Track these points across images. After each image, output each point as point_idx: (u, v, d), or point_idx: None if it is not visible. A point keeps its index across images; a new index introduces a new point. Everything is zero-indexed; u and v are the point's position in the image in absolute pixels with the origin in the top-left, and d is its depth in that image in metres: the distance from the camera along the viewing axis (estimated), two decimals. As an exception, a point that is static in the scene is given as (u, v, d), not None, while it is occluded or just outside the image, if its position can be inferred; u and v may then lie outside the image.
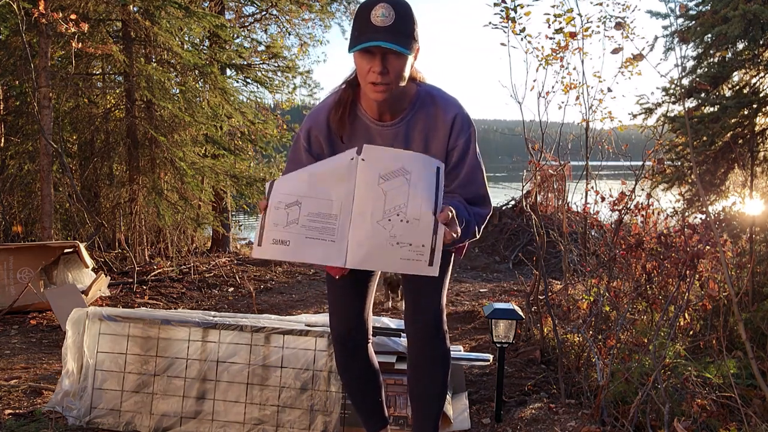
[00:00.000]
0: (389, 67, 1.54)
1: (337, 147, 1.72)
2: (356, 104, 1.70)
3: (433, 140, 1.71)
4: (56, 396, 2.49)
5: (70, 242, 4.69)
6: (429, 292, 1.84)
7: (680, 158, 3.42)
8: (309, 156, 1.73)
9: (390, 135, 1.70)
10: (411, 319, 1.88)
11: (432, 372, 1.89)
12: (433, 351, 1.88)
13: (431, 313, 1.85)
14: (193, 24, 6.22)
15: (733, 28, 2.59)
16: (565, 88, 4.62)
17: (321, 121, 1.71)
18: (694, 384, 2.26)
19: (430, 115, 1.70)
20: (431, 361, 1.89)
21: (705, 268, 2.99)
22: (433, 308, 1.85)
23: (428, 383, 1.91)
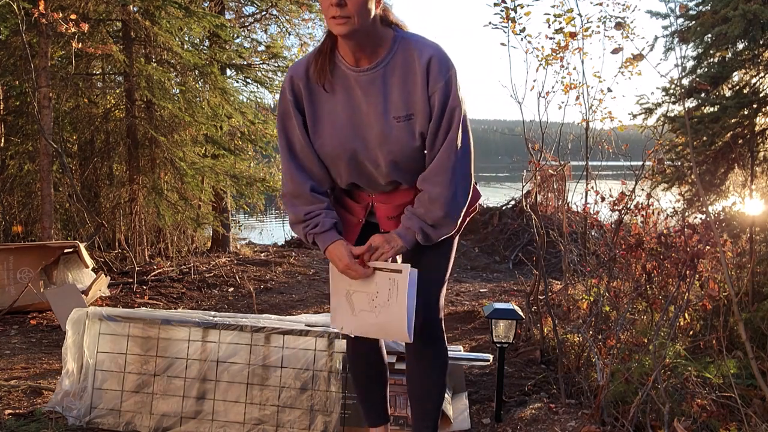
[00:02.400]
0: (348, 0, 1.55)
1: (317, 96, 1.73)
2: (335, 53, 1.71)
3: (413, 86, 1.67)
4: (56, 396, 2.49)
5: (70, 242, 4.69)
6: (424, 291, 1.82)
7: (680, 158, 3.42)
8: (296, 110, 1.73)
9: (366, 81, 1.68)
10: None
11: (428, 370, 1.89)
12: (429, 349, 1.87)
13: (428, 311, 1.84)
14: (193, 24, 6.22)
15: (733, 28, 2.59)
16: (565, 88, 4.62)
17: (301, 71, 1.73)
18: (694, 384, 2.26)
19: (407, 60, 1.67)
20: (427, 360, 1.88)
21: (705, 268, 2.99)
22: (429, 306, 1.84)
23: (425, 382, 1.90)
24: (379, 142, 1.70)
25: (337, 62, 1.70)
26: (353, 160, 1.75)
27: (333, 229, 1.76)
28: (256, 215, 10.48)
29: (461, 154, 1.70)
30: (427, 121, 1.68)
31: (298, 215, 1.77)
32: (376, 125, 1.69)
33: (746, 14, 2.54)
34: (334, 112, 1.73)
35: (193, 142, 6.56)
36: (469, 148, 1.74)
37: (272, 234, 11.05)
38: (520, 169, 8.87)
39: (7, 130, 6.31)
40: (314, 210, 1.76)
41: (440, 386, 1.92)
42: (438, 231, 1.74)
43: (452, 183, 1.69)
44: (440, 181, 1.69)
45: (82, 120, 6.48)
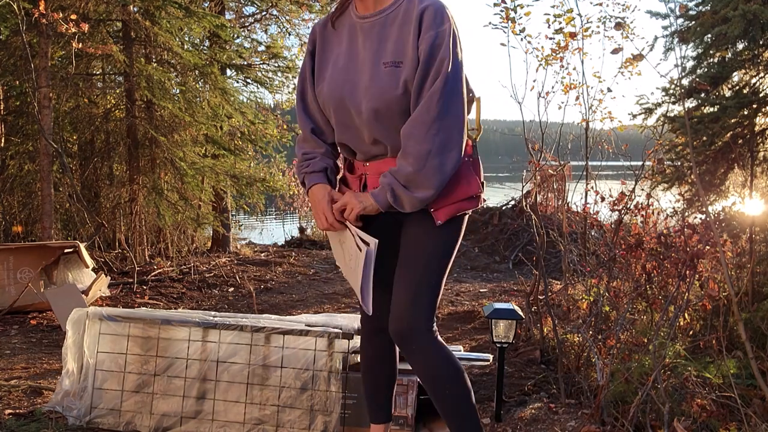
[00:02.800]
0: None
1: (329, 45, 1.80)
2: (351, 3, 1.78)
3: (406, 35, 1.65)
4: (56, 396, 2.49)
5: (70, 242, 4.70)
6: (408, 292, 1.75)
7: (680, 158, 3.42)
8: (310, 58, 1.83)
9: (368, 27, 1.71)
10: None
11: (421, 378, 1.81)
12: (413, 357, 1.76)
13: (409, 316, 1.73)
14: (193, 24, 6.22)
15: (733, 28, 2.59)
16: (565, 88, 4.63)
17: (324, 20, 1.84)
18: (694, 384, 2.26)
19: (408, 10, 1.68)
20: (416, 367, 1.79)
21: (705, 268, 2.99)
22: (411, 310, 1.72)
23: (428, 388, 1.83)
24: (365, 86, 1.69)
25: (349, 10, 1.77)
26: (340, 108, 1.74)
27: (322, 172, 1.80)
28: (256, 215, 10.47)
29: (444, 110, 1.61)
30: (414, 71, 1.64)
31: (298, 155, 1.85)
32: (367, 71, 1.69)
33: (746, 14, 2.54)
34: (337, 59, 1.77)
35: (194, 142, 6.56)
36: (456, 107, 1.64)
37: (272, 234, 11.06)
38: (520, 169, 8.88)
39: (7, 130, 6.31)
40: (311, 152, 1.83)
41: (445, 398, 1.73)
42: (410, 193, 1.64)
43: (428, 138, 1.60)
44: (415, 134, 1.62)
45: (82, 120, 6.48)
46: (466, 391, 1.75)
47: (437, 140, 1.61)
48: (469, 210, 1.76)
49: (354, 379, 2.38)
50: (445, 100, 1.62)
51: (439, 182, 1.64)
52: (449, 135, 1.63)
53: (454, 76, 1.63)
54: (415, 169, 1.62)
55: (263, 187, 6.83)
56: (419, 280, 1.71)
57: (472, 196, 1.74)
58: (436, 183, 1.63)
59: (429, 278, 1.72)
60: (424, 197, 1.65)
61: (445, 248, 1.75)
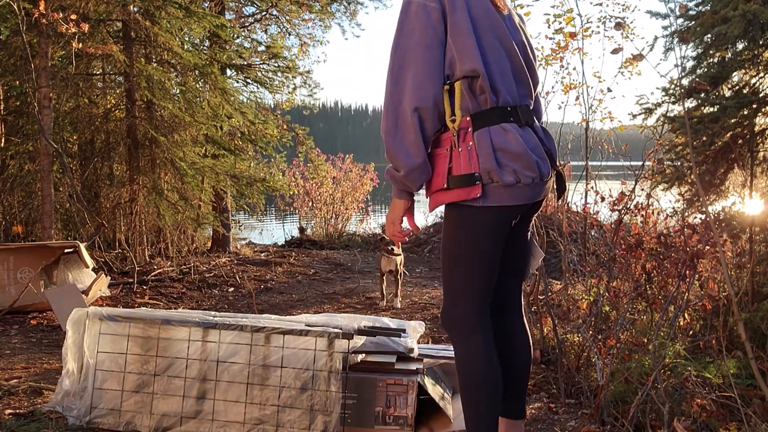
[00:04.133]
0: None
1: None
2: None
3: None
4: (56, 396, 2.49)
5: (70, 242, 4.70)
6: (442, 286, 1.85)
7: (680, 158, 3.42)
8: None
9: None
10: None
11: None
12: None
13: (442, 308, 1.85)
14: (194, 24, 6.22)
15: (732, 28, 2.59)
16: (565, 88, 4.63)
17: None
18: (693, 384, 2.26)
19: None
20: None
21: (705, 268, 2.99)
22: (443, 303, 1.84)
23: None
24: None
25: None
26: None
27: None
28: (256, 215, 10.48)
29: (391, 89, 1.69)
30: None
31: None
32: None
33: (746, 14, 2.54)
34: None
35: (194, 142, 6.56)
36: (399, 86, 1.67)
37: (272, 234, 11.06)
38: (520, 169, 8.82)
39: (7, 130, 6.31)
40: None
41: (463, 386, 1.82)
42: (399, 174, 1.71)
43: (385, 115, 1.70)
44: (382, 112, 1.74)
45: (82, 120, 6.48)
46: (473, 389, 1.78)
47: (390, 117, 1.68)
48: (450, 201, 1.72)
49: (354, 379, 2.38)
50: (394, 75, 1.68)
51: (404, 160, 1.68)
52: (398, 112, 1.67)
53: (397, 55, 1.68)
54: (386, 146, 1.71)
55: (263, 187, 6.83)
56: (442, 274, 1.82)
57: (442, 188, 1.72)
58: (402, 160, 1.69)
59: (443, 272, 1.82)
60: (402, 177, 1.71)
61: (448, 241, 1.79)
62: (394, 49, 1.69)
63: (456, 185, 1.69)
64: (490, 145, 1.68)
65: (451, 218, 1.76)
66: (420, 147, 1.68)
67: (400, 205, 1.79)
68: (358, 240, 9.09)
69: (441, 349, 2.88)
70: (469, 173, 1.67)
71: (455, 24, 1.68)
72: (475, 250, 1.74)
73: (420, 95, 1.65)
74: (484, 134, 1.69)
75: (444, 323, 1.85)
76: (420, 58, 1.65)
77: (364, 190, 10.40)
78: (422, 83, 1.65)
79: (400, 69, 1.67)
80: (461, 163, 1.69)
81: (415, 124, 1.66)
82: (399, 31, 1.69)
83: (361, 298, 5.25)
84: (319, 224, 9.97)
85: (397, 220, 1.80)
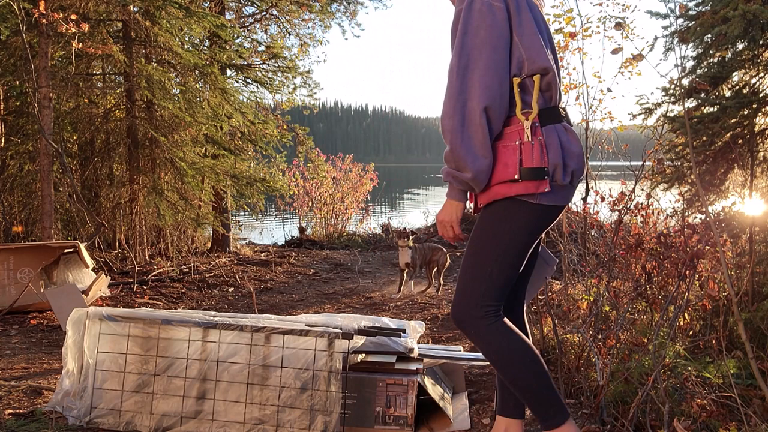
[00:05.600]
0: None
1: None
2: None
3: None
4: (56, 396, 2.49)
5: (70, 242, 4.70)
6: (459, 278, 1.81)
7: (680, 158, 3.42)
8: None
9: None
10: None
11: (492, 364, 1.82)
12: (463, 332, 1.80)
13: (455, 297, 1.80)
14: (194, 24, 6.22)
15: (732, 28, 2.59)
16: (565, 88, 4.63)
17: None
18: (693, 384, 2.26)
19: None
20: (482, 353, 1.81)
21: (705, 268, 2.99)
22: (457, 293, 1.80)
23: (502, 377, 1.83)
24: None
25: None
26: None
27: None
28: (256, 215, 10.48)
29: (459, 86, 1.66)
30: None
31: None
32: None
33: (746, 14, 2.54)
34: None
35: (194, 142, 6.56)
36: (471, 83, 1.65)
37: (272, 234, 11.06)
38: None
39: (7, 130, 6.31)
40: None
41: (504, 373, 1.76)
42: (462, 174, 1.69)
43: (452, 114, 1.67)
44: (444, 110, 1.69)
45: (82, 120, 6.48)
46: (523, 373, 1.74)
47: (457, 117, 1.65)
48: (511, 195, 1.69)
49: (354, 379, 2.38)
50: (461, 75, 1.65)
51: (472, 161, 1.66)
52: (465, 112, 1.65)
53: (463, 54, 1.65)
54: (450, 147, 1.67)
55: (263, 187, 6.83)
56: (464, 268, 1.78)
57: (509, 180, 1.68)
58: (469, 161, 1.66)
59: (468, 265, 1.78)
60: (468, 179, 1.68)
61: (484, 234, 1.75)
62: (459, 48, 1.67)
63: (527, 177, 1.66)
64: (558, 142, 1.69)
65: (495, 212, 1.73)
66: (488, 147, 1.66)
67: (459, 207, 1.77)
68: (358, 240, 9.10)
69: (441, 349, 2.88)
70: (540, 167, 1.66)
71: (522, 23, 1.68)
72: (513, 246, 1.73)
73: (488, 95, 1.64)
74: (552, 131, 1.71)
75: (461, 317, 1.78)
76: (486, 58, 1.64)
77: (364, 190, 10.41)
78: (490, 83, 1.64)
79: (466, 68, 1.66)
80: (534, 156, 1.67)
81: (483, 124, 1.64)
82: (464, 30, 1.67)
83: (361, 298, 5.25)
84: (319, 224, 9.98)
85: (455, 222, 1.78)
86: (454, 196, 1.76)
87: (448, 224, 1.79)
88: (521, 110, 1.70)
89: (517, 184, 1.67)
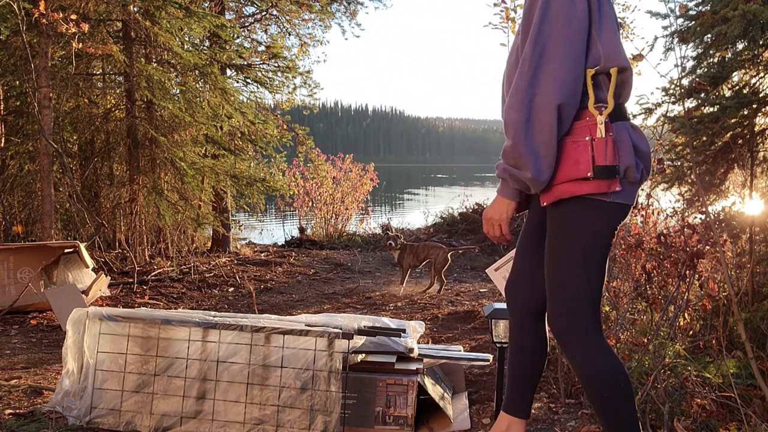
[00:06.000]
0: None
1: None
2: None
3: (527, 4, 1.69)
4: (56, 396, 2.49)
5: (70, 242, 4.70)
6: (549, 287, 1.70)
7: (680, 158, 3.42)
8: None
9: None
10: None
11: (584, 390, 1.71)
12: (562, 348, 1.71)
13: (551, 314, 1.71)
14: (194, 24, 6.22)
15: (732, 28, 2.59)
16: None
17: None
18: (693, 384, 2.26)
19: None
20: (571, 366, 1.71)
21: (705, 268, 2.99)
22: (552, 308, 1.70)
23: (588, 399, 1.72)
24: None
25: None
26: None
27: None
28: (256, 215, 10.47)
29: (533, 77, 1.56)
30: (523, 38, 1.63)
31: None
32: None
33: (746, 14, 2.54)
34: None
35: (194, 142, 6.56)
36: (546, 74, 1.55)
37: (272, 234, 11.06)
38: (520, 169, 8.84)
39: (7, 130, 6.31)
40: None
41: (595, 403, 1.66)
42: (520, 172, 1.58)
43: (520, 107, 1.56)
44: (511, 102, 1.59)
45: (82, 120, 6.48)
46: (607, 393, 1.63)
47: (523, 112, 1.56)
48: (581, 194, 1.60)
49: (354, 379, 2.38)
50: (533, 66, 1.56)
51: (533, 160, 1.56)
52: (533, 107, 1.56)
53: (538, 43, 1.56)
54: (512, 143, 1.57)
55: (263, 187, 6.83)
56: (553, 282, 1.68)
57: (579, 178, 1.59)
58: (531, 160, 1.56)
59: (551, 276, 1.68)
60: (527, 178, 1.58)
61: (563, 242, 1.64)
62: (535, 36, 1.57)
63: (600, 176, 1.57)
64: (629, 140, 1.62)
65: (568, 217, 1.64)
66: (554, 147, 1.57)
67: (510, 206, 1.69)
68: (358, 240, 9.10)
69: (441, 349, 2.88)
70: (612, 164, 1.58)
71: (602, 18, 1.61)
72: (599, 249, 1.64)
73: (562, 92, 1.55)
74: (623, 128, 1.63)
75: (561, 329, 1.68)
76: (563, 51, 1.55)
77: (364, 190, 10.41)
78: (566, 79, 1.55)
79: (540, 58, 1.56)
80: (607, 154, 1.58)
81: (552, 122, 1.55)
82: (541, 17, 1.57)
83: (361, 298, 5.25)
84: (319, 224, 9.98)
85: (505, 221, 1.70)
86: (507, 193, 1.67)
87: (496, 222, 1.71)
88: (594, 104, 1.61)
89: (587, 182, 1.58)
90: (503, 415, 1.97)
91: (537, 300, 1.85)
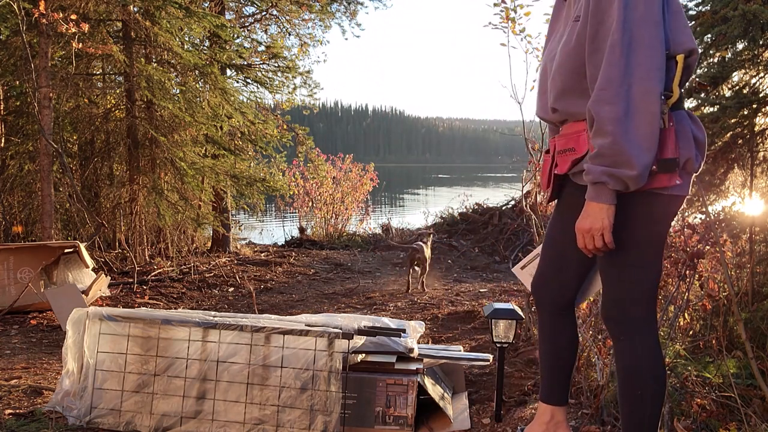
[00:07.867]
0: None
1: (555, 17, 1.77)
2: None
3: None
4: (56, 396, 2.49)
5: (70, 242, 4.70)
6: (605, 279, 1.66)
7: (680, 158, 3.42)
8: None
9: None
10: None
11: (618, 380, 1.68)
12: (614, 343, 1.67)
13: (605, 305, 1.66)
14: (194, 24, 6.22)
15: (732, 28, 2.59)
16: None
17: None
18: (693, 384, 2.26)
19: None
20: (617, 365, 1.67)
21: (705, 268, 2.98)
22: (607, 299, 1.65)
23: (619, 389, 1.68)
24: (557, 46, 1.65)
25: None
26: (542, 76, 1.73)
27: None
28: (256, 215, 10.47)
29: (627, 64, 1.43)
30: (586, 24, 1.53)
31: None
32: (563, 31, 1.66)
33: (746, 14, 2.54)
34: (555, 32, 1.76)
35: (194, 142, 6.56)
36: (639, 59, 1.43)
37: (272, 234, 11.06)
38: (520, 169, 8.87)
39: (7, 130, 6.31)
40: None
41: (626, 395, 1.64)
42: (621, 171, 1.45)
43: (616, 99, 1.44)
44: (605, 96, 1.46)
45: (82, 120, 6.49)
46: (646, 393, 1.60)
47: (621, 104, 1.44)
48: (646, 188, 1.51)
49: (354, 379, 2.38)
50: (625, 53, 1.44)
51: (638, 155, 1.43)
52: (631, 97, 1.44)
53: (625, 29, 1.45)
54: (612, 139, 1.44)
55: (263, 187, 6.84)
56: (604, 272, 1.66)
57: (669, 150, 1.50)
58: (634, 156, 1.43)
59: (605, 267, 1.65)
60: (632, 176, 1.45)
61: (625, 236, 1.57)
62: (621, 22, 1.44)
63: (663, 170, 1.49)
64: (689, 130, 1.53)
65: (632, 208, 1.55)
66: (656, 139, 1.45)
67: (611, 211, 1.51)
68: (358, 240, 9.10)
69: (441, 349, 2.88)
70: (673, 157, 1.49)
71: (673, 0, 1.52)
72: (656, 242, 1.58)
73: (660, 76, 1.44)
74: (682, 117, 1.54)
75: (617, 323, 1.64)
76: (650, 34, 1.44)
77: (364, 190, 10.41)
78: (660, 63, 1.44)
79: (629, 45, 1.44)
80: (669, 146, 1.49)
81: (655, 111, 1.43)
82: (623, 3, 1.45)
83: (361, 298, 5.25)
84: (319, 224, 9.98)
85: (607, 229, 1.52)
86: (605, 198, 1.50)
87: (598, 232, 1.52)
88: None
89: (651, 177, 1.50)
90: (544, 407, 1.96)
91: (567, 295, 1.85)
